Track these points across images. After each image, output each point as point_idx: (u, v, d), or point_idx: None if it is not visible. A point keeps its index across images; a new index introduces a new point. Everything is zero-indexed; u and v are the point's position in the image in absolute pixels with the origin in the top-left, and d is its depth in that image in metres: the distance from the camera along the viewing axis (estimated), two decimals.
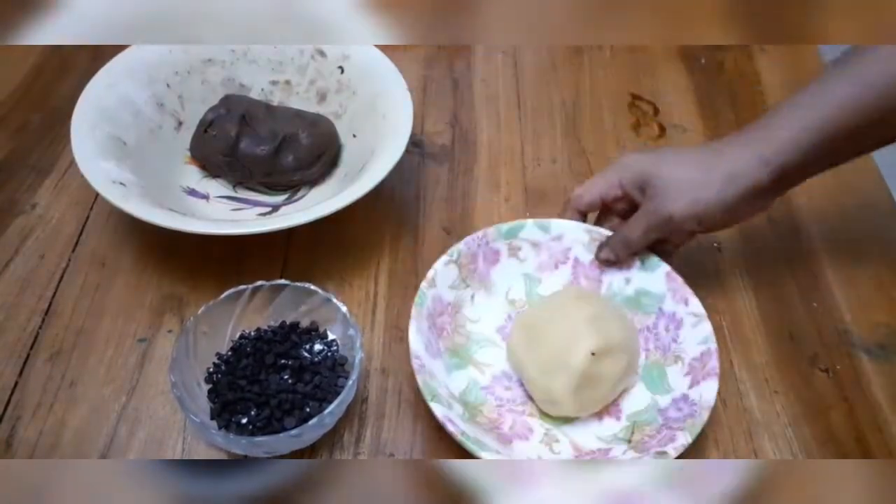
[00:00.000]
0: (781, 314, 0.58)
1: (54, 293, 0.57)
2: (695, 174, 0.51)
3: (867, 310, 0.58)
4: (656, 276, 0.55)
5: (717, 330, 0.57)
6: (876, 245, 0.63)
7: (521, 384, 0.53)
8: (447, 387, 0.50)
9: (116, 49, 0.63)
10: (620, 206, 0.55)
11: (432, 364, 0.50)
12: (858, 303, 0.59)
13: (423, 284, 0.53)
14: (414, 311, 0.51)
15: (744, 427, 0.52)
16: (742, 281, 0.60)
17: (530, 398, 0.52)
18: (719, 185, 0.50)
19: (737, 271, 0.61)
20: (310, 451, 0.50)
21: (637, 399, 0.52)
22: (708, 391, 0.48)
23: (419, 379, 0.48)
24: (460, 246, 0.55)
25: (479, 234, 0.56)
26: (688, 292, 0.53)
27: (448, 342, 0.53)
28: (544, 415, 0.51)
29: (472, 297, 0.55)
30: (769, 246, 0.63)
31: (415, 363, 0.49)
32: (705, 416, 0.47)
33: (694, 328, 0.52)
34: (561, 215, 0.57)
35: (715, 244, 0.62)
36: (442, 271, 0.54)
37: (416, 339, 0.50)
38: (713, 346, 0.50)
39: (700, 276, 0.60)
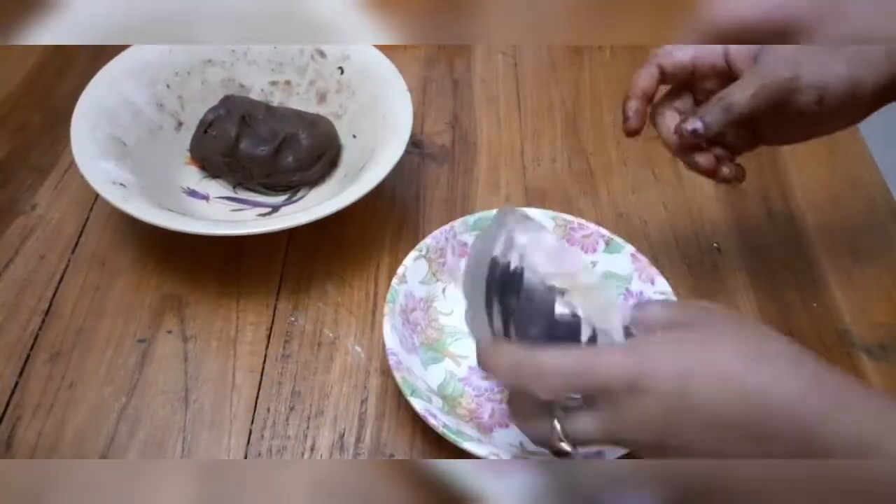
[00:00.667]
0: (781, 314, 0.58)
1: (54, 293, 0.57)
2: (822, 45, 0.43)
3: (867, 310, 0.58)
4: (622, 258, 0.56)
5: None
6: (876, 245, 0.63)
7: None
8: (425, 381, 0.51)
9: (117, 49, 0.63)
10: (708, 86, 0.47)
11: (408, 359, 0.51)
12: (858, 303, 0.59)
13: (394, 281, 0.53)
14: (387, 309, 0.52)
15: None
16: (741, 281, 0.60)
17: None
18: (848, 60, 0.43)
19: (736, 271, 0.61)
20: (310, 452, 0.50)
21: None
22: None
23: (397, 375, 0.48)
24: (428, 240, 0.56)
25: (447, 227, 0.56)
26: (654, 272, 0.55)
27: (422, 337, 0.54)
28: None
29: (444, 290, 0.56)
30: (769, 246, 0.63)
31: (391, 360, 0.49)
32: None
33: None
34: (637, 75, 0.48)
35: (714, 244, 0.62)
36: (412, 267, 0.54)
37: (391, 335, 0.50)
38: None
39: (699, 276, 0.60)
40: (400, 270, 0.54)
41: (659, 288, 0.54)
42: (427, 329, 0.55)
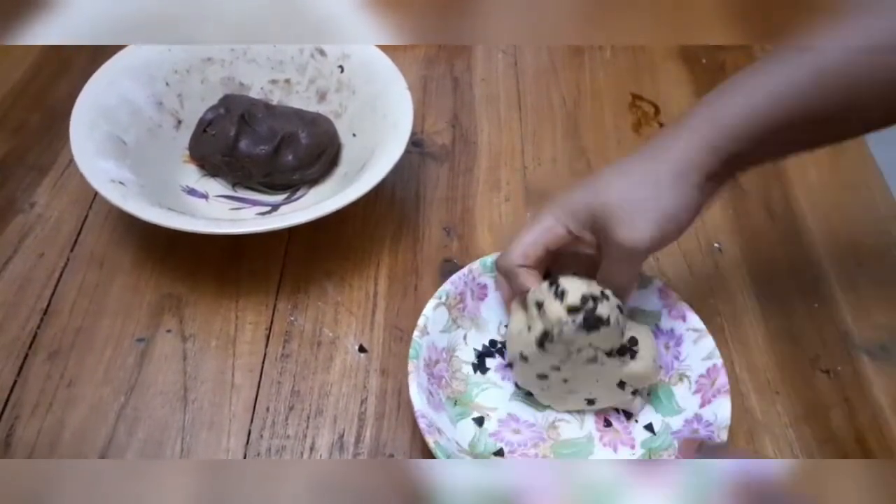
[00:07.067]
0: (782, 315, 0.58)
1: (53, 292, 0.57)
2: (646, 189, 0.45)
3: (868, 311, 0.58)
4: (649, 293, 0.53)
5: (719, 331, 0.57)
6: (877, 245, 0.63)
7: (530, 425, 0.51)
8: (457, 441, 0.48)
9: (115, 48, 0.63)
10: (584, 251, 0.48)
11: (438, 419, 0.47)
12: (859, 303, 0.59)
13: (416, 334, 0.50)
14: (411, 366, 0.48)
15: (745, 428, 0.52)
16: (743, 281, 0.60)
17: (541, 439, 0.50)
18: (674, 189, 0.44)
19: (737, 272, 0.61)
20: (309, 452, 0.50)
21: (648, 425, 0.50)
22: (722, 409, 0.48)
23: (429, 440, 0.45)
24: (447, 286, 0.52)
25: (465, 270, 0.53)
26: (685, 308, 0.52)
27: (448, 391, 0.51)
28: (557, 452, 0.50)
29: (465, 336, 0.54)
30: (770, 246, 0.62)
31: (421, 423, 0.46)
32: (724, 435, 0.46)
33: (696, 344, 0.51)
34: (510, 291, 0.50)
35: (716, 244, 0.62)
36: (433, 316, 0.51)
37: (418, 395, 0.47)
38: (719, 361, 0.49)
39: (701, 276, 0.60)
40: (421, 322, 0.50)
41: (691, 325, 0.51)
42: (452, 381, 0.52)
